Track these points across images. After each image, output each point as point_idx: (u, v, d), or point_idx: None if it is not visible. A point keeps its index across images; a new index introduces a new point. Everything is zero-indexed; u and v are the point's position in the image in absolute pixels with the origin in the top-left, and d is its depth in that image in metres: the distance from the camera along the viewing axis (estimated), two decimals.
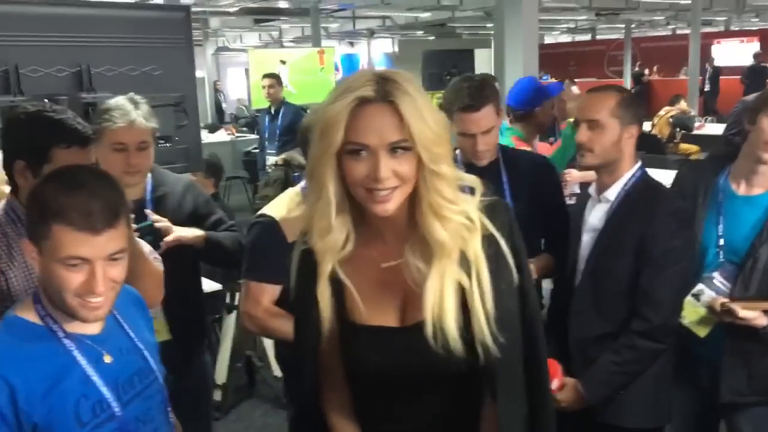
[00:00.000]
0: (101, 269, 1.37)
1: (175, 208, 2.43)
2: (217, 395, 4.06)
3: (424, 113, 1.23)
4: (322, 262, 1.34)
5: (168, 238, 2.30)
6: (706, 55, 17.07)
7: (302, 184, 2.31)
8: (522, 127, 3.50)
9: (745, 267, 2.16)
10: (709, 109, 15.04)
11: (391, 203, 1.26)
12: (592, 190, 2.27)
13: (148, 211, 2.32)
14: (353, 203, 1.31)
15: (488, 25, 17.81)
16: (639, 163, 2.21)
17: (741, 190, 2.23)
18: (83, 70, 3.38)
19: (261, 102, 9.61)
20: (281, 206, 2.24)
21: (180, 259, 2.29)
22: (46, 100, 3.05)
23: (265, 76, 7.18)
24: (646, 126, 10.86)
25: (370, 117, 1.23)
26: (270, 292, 2.18)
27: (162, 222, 2.32)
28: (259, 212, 2.26)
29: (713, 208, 2.24)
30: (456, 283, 1.30)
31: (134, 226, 2.22)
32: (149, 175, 2.43)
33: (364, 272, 1.36)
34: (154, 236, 2.27)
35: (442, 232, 1.28)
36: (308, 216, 1.34)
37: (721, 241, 2.22)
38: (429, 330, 1.28)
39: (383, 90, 1.23)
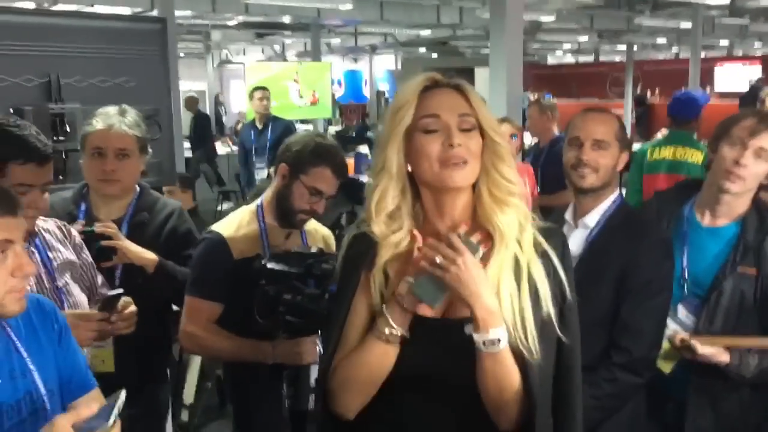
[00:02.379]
0: (23, 249, 1.36)
1: (152, 236, 2.34)
2: (185, 415, 3.97)
3: (483, 102, 1.38)
4: (382, 251, 1.38)
5: (108, 242, 2.17)
6: (708, 79, 17.05)
7: (257, 202, 2.26)
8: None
9: (709, 301, 2.09)
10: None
11: (463, 172, 1.33)
12: (568, 215, 2.20)
13: (99, 223, 2.24)
14: (414, 200, 1.39)
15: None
16: (618, 190, 2.15)
17: (705, 220, 2.16)
18: (52, 81, 3.33)
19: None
20: (232, 223, 2.20)
21: (140, 292, 2.17)
22: (11, 112, 3.02)
23: (258, 88, 7.06)
24: None
25: (439, 95, 1.36)
26: (209, 310, 2.13)
27: (107, 229, 2.19)
28: (209, 228, 2.21)
29: (678, 238, 2.16)
30: (510, 283, 1.33)
31: (80, 228, 2.15)
32: (135, 197, 2.36)
33: (413, 267, 1.36)
34: (99, 243, 2.17)
35: (502, 216, 1.35)
36: (371, 202, 1.39)
37: (686, 273, 2.14)
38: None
39: (449, 78, 1.37)
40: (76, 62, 3.42)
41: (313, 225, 2.35)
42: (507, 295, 1.33)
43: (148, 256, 2.24)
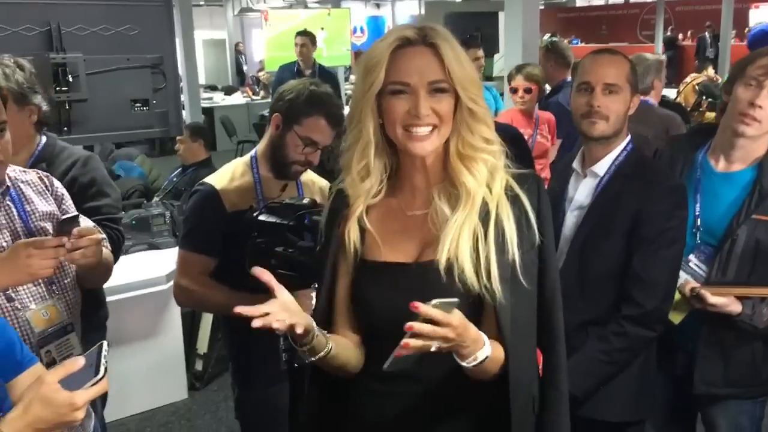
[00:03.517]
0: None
1: None
2: (199, 365, 4.01)
3: (461, 57, 1.30)
4: (354, 204, 1.39)
5: None
6: (743, 20, 16.49)
7: (252, 153, 2.21)
8: None
9: (722, 249, 2.00)
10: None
11: (429, 143, 1.31)
12: (576, 164, 2.10)
13: None
14: (389, 153, 1.38)
15: None
16: (629, 137, 2.05)
17: (720, 166, 2.06)
18: (53, 29, 3.28)
19: (274, 63, 9.45)
20: (225, 175, 2.16)
21: None
22: None
23: (299, 33, 6.76)
24: (672, 93, 10.52)
25: (411, 57, 1.30)
26: (202, 263, 2.10)
27: None
28: (202, 180, 2.17)
29: (690, 185, 2.06)
30: (474, 230, 1.32)
31: None
32: (38, 149, 2.21)
33: (389, 218, 1.41)
34: None
35: (470, 177, 1.33)
36: (347, 158, 1.39)
37: (698, 221, 2.05)
38: (442, 264, 1.30)
39: (423, 34, 1.30)
40: (77, 10, 3.36)
41: (309, 176, 2.29)
42: (470, 240, 1.31)
43: None
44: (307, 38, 6.63)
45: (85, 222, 1.91)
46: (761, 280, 1.97)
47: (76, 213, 1.81)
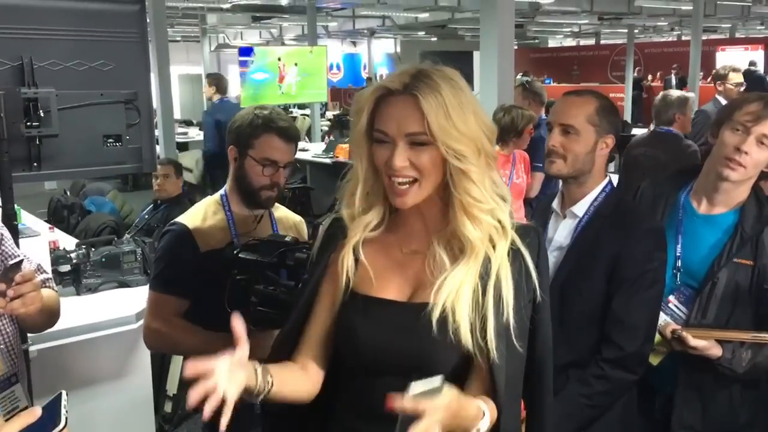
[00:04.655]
0: None
1: None
2: (168, 407, 3.91)
3: (449, 109, 1.24)
4: (351, 234, 1.38)
5: None
6: (710, 62, 16.89)
7: (221, 192, 2.18)
8: None
9: (702, 292, 1.99)
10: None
11: (408, 197, 1.29)
12: (555, 204, 2.10)
13: None
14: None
15: None
16: (608, 178, 2.05)
17: (702, 208, 2.06)
18: (25, 64, 3.22)
19: (250, 99, 9.48)
20: (197, 215, 2.12)
21: None
22: None
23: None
24: (641, 132, 10.67)
25: (392, 107, 1.27)
26: (175, 305, 2.04)
27: None
28: (174, 220, 2.12)
29: (672, 226, 2.06)
30: (474, 286, 1.30)
31: None
32: None
33: (384, 253, 1.39)
34: None
35: (473, 231, 1.30)
36: (346, 192, 1.40)
37: (679, 263, 2.04)
38: (438, 310, 1.28)
39: (411, 83, 1.25)
40: (50, 45, 3.30)
41: (283, 212, 2.28)
42: (469, 296, 1.29)
43: None
44: (207, 79, 8.02)
45: (27, 264, 1.80)
46: (740, 323, 1.97)
47: (20, 258, 1.70)
